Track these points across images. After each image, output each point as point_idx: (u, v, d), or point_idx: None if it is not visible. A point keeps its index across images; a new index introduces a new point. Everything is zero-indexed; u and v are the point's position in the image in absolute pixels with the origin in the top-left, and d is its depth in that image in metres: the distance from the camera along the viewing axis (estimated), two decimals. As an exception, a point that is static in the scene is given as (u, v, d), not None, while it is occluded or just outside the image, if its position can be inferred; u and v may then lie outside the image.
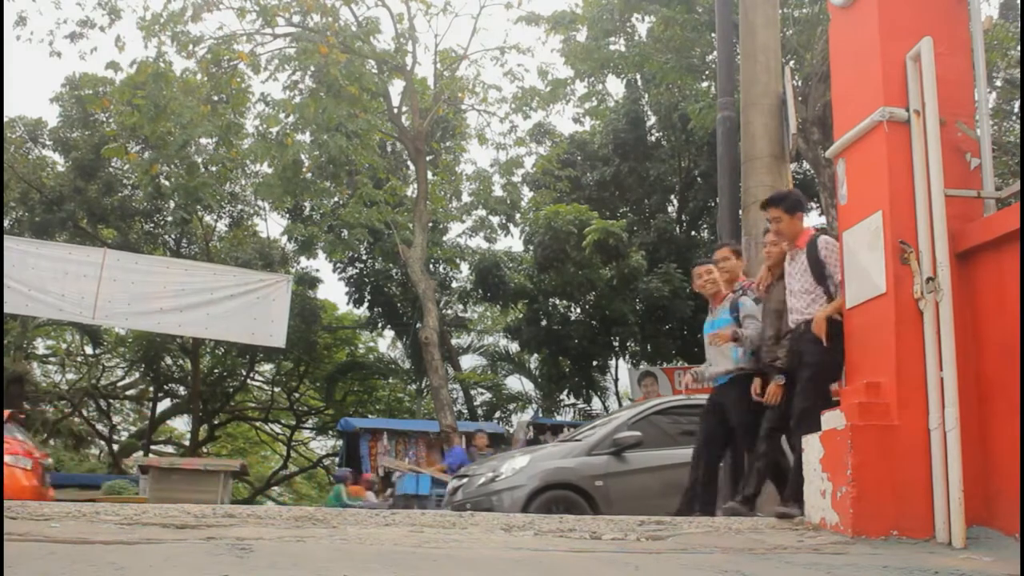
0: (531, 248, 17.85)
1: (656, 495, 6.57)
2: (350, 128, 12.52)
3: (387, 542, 3.82)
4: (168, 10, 12.50)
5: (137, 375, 23.85)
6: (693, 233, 19.12)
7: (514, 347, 21.17)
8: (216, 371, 23.08)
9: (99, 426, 25.28)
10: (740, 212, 7.16)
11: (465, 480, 7.52)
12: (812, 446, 4.64)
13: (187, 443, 23.11)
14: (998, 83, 12.71)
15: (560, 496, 6.70)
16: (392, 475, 14.73)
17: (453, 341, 21.44)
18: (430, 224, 15.70)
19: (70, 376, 24.13)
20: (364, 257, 19.57)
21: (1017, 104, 12.71)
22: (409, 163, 16.88)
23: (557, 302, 19.03)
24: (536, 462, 6.97)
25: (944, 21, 4.67)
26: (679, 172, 18.62)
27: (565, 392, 20.08)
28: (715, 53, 10.65)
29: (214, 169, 15.49)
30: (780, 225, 5.12)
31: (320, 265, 34.85)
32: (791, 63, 11.89)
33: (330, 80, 12.28)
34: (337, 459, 21.08)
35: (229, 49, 13.05)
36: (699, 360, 6.98)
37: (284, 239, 20.00)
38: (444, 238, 19.30)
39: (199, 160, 15.21)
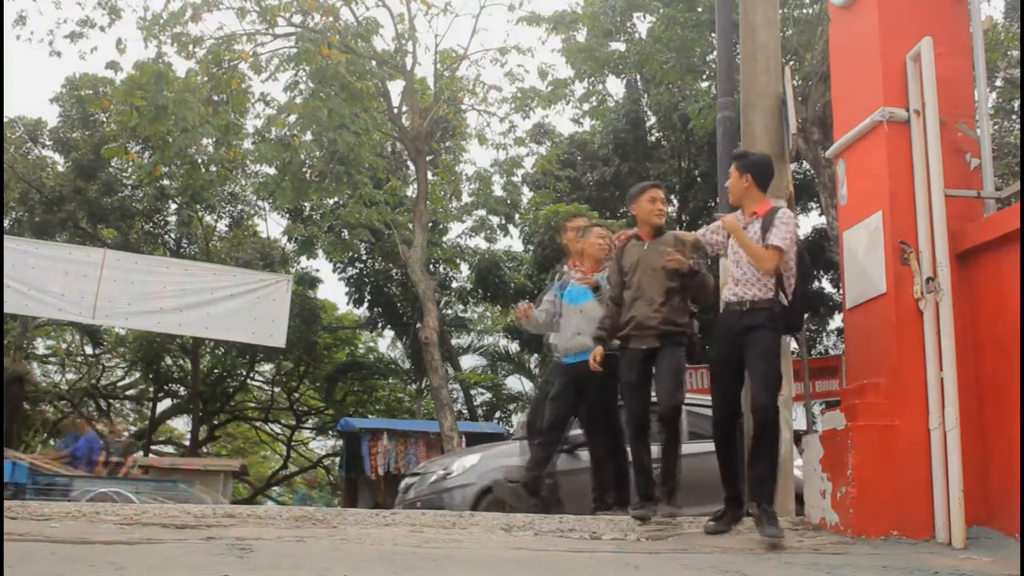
0: (531, 248, 17.84)
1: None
2: (353, 128, 12.52)
3: (387, 542, 3.82)
4: (168, 10, 12.51)
5: (137, 375, 23.84)
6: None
7: (514, 347, 21.17)
8: (216, 371, 23.08)
9: (99, 426, 25.25)
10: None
11: (417, 478, 7.53)
12: (812, 446, 4.64)
13: (187, 443, 23.10)
14: (998, 83, 12.71)
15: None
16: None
17: (453, 341, 21.44)
18: (430, 224, 15.69)
19: (70, 376, 24.11)
20: (364, 257, 19.56)
21: (1017, 104, 12.71)
22: (409, 163, 16.88)
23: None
24: (487, 460, 6.89)
25: (944, 21, 4.67)
26: (679, 172, 18.61)
27: (565, 392, 20.03)
28: (715, 53, 10.65)
29: (214, 169, 15.48)
30: (729, 179, 4.70)
31: (320, 265, 34.85)
32: (791, 63, 11.89)
33: (340, 79, 12.27)
34: (337, 459, 21.09)
35: (229, 49, 13.04)
36: (700, 360, 6.86)
37: (284, 239, 20.01)
38: (444, 238, 19.29)
39: (200, 160, 15.20)
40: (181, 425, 25.66)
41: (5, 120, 17.41)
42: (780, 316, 4.40)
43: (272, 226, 47.98)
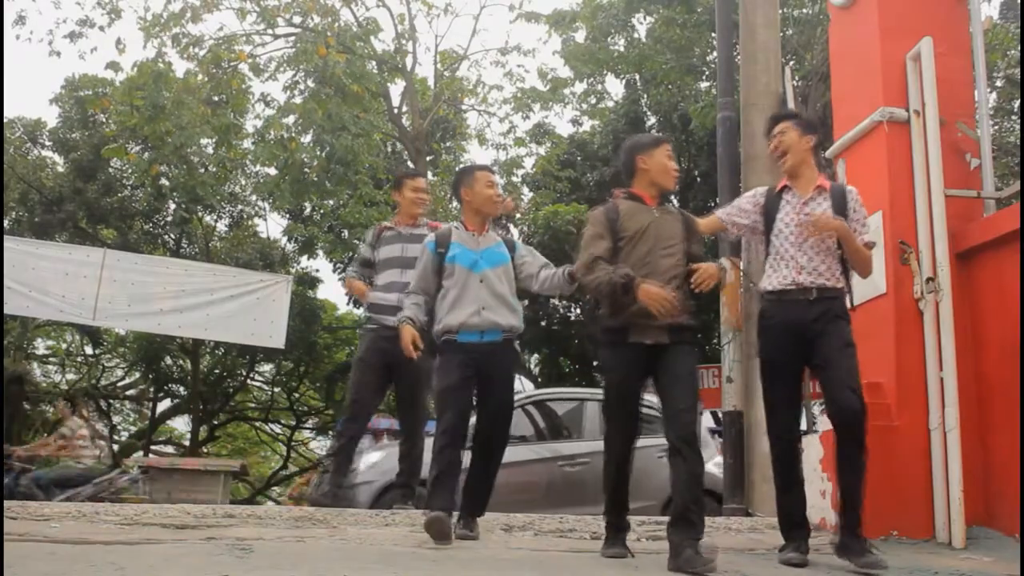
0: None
1: (516, 490, 6.45)
2: (354, 129, 12.53)
3: (387, 542, 3.82)
4: (168, 10, 12.52)
5: (137, 375, 23.83)
6: (693, 233, 19.09)
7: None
8: (216, 371, 23.07)
9: (99, 426, 25.26)
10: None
11: (327, 474, 7.57)
12: (812, 446, 4.64)
13: (187, 443, 23.10)
14: (998, 83, 12.71)
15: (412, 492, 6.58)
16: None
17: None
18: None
19: (70, 376, 24.12)
20: (364, 257, 19.53)
21: (1017, 104, 12.71)
22: (409, 163, 16.91)
23: (557, 302, 19.04)
24: (390, 458, 6.84)
25: (944, 21, 4.68)
26: (679, 172, 18.62)
27: (565, 392, 20.05)
28: (715, 53, 10.66)
29: (214, 169, 15.49)
30: (785, 137, 3.84)
31: (320, 265, 34.86)
32: (791, 63, 11.89)
33: (336, 81, 12.29)
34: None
35: (229, 50, 13.06)
36: (701, 360, 6.84)
37: (284, 239, 20.00)
38: (444, 238, 19.24)
39: (197, 160, 15.21)
40: (181, 425, 25.64)
41: (5, 120, 17.43)
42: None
43: (272, 226, 47.95)
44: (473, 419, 4.11)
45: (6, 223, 17.71)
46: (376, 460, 7.12)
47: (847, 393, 3.53)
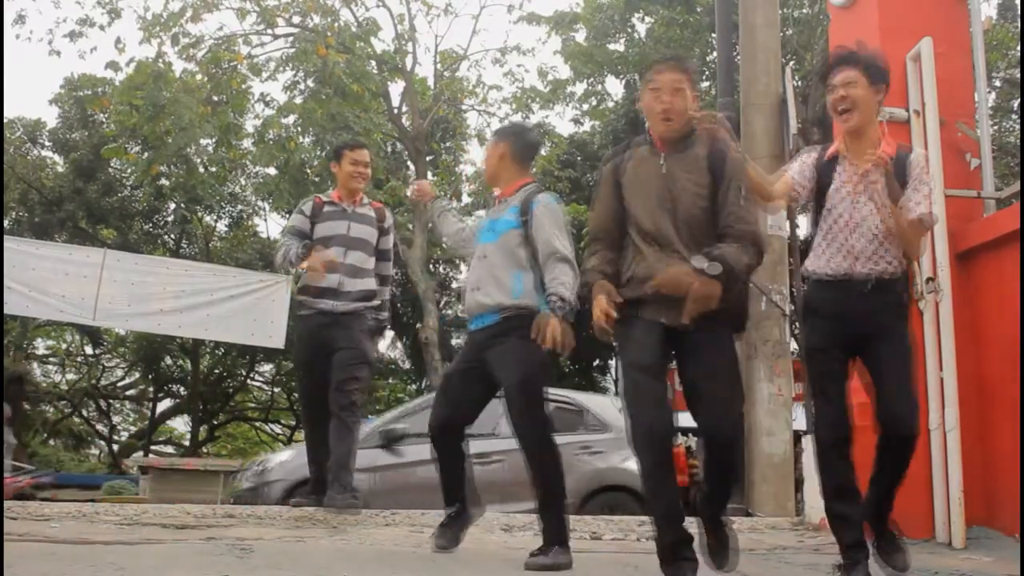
0: (531, 248, 17.82)
1: (427, 488, 6.46)
2: (356, 128, 12.54)
3: (387, 542, 3.83)
4: (168, 10, 12.52)
5: (137, 375, 23.85)
6: (693, 233, 19.07)
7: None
8: (216, 371, 23.08)
9: (99, 426, 25.28)
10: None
11: (242, 472, 7.75)
12: (812, 446, 4.63)
13: (187, 443, 23.10)
14: (998, 83, 12.72)
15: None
16: None
17: (453, 341, 21.44)
18: (430, 224, 15.70)
19: (70, 376, 24.13)
20: (364, 257, 19.53)
21: (1017, 104, 12.71)
22: (409, 163, 16.92)
23: (557, 302, 19.05)
24: (300, 456, 6.84)
25: (944, 21, 4.67)
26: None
27: (565, 392, 20.06)
28: (715, 53, 10.66)
29: (214, 169, 15.50)
30: (854, 90, 3.10)
31: (320, 265, 34.78)
32: (791, 63, 11.90)
33: (336, 80, 12.30)
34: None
35: (229, 51, 13.06)
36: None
37: (284, 239, 20.01)
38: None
39: (198, 160, 15.21)
40: (181, 425, 25.66)
41: (5, 120, 17.44)
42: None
43: (272, 226, 47.92)
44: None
45: (6, 223, 17.71)
46: (285, 459, 7.34)
47: (902, 399, 3.11)
